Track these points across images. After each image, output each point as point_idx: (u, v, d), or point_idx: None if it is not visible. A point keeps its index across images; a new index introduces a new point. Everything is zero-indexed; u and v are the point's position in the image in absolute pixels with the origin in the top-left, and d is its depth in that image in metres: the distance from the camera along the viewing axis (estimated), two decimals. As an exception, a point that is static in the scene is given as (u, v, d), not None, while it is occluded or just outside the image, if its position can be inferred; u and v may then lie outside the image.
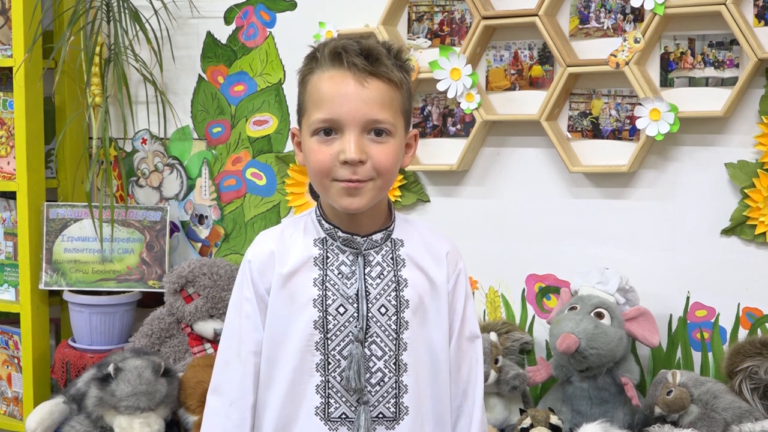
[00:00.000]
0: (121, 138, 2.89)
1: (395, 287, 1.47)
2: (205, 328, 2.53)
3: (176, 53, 2.78)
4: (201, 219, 2.83)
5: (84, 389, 2.34)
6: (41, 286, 2.70)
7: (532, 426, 2.01)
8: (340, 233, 1.46)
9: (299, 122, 1.47)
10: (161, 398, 2.27)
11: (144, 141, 2.88)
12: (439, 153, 2.48)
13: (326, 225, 1.47)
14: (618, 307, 2.14)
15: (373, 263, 1.46)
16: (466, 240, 2.46)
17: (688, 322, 2.23)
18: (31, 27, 2.62)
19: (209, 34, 2.77)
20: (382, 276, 1.46)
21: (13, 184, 2.71)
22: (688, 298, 2.23)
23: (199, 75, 2.80)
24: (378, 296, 1.45)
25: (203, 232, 2.82)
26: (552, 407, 2.11)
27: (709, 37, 2.17)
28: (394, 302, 1.46)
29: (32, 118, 2.68)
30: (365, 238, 1.47)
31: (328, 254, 1.46)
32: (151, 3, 2.69)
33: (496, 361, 2.21)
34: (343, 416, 1.43)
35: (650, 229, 2.26)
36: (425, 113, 2.50)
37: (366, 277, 1.45)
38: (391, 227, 1.50)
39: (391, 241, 1.49)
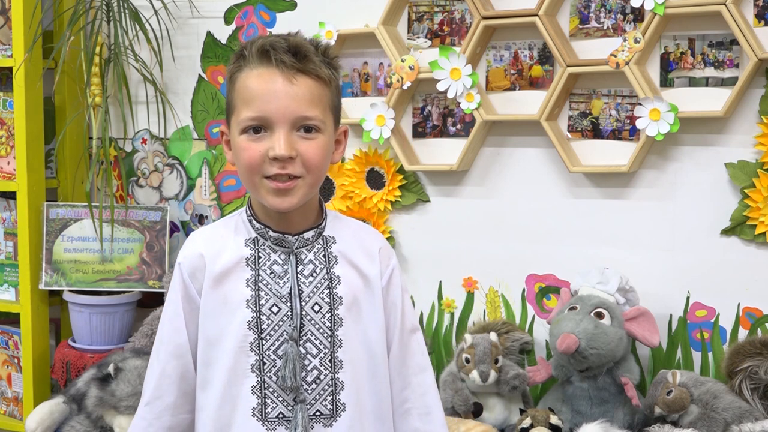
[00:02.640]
0: (121, 138, 2.89)
1: (328, 284, 1.47)
2: (205, 328, 2.52)
3: (176, 53, 2.78)
4: (201, 219, 2.83)
5: (84, 389, 2.34)
6: (41, 286, 2.70)
7: (532, 426, 2.01)
8: (271, 232, 1.46)
9: (228, 121, 1.47)
10: (161, 398, 2.26)
11: (144, 141, 2.89)
12: (439, 153, 2.48)
13: (257, 225, 1.47)
14: (618, 307, 2.14)
15: (305, 261, 1.46)
16: (466, 240, 2.47)
17: (688, 322, 2.23)
18: (31, 27, 2.62)
19: (209, 34, 2.77)
20: (314, 274, 1.46)
21: (13, 184, 2.71)
22: (688, 298, 2.23)
23: (199, 75, 2.80)
24: (311, 294, 1.46)
25: (203, 232, 2.82)
26: (552, 407, 2.11)
27: (709, 37, 2.16)
28: (327, 299, 1.46)
29: (32, 118, 2.68)
30: (297, 237, 1.47)
31: (260, 254, 1.46)
32: (151, 3, 2.69)
33: (496, 361, 2.21)
34: (281, 416, 1.43)
35: (650, 229, 2.26)
36: (425, 113, 2.50)
37: (299, 275, 1.45)
38: (323, 225, 1.50)
39: (323, 239, 1.49)
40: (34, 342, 2.69)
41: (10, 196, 2.76)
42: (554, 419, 2.02)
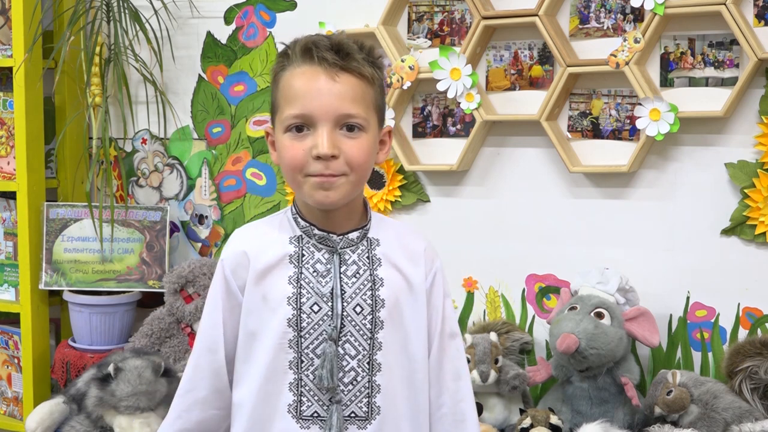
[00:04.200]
0: (121, 138, 2.89)
1: (371, 286, 1.46)
2: (205, 328, 2.52)
3: (176, 53, 2.78)
4: (201, 219, 2.83)
5: (84, 389, 2.34)
6: (41, 286, 2.70)
7: (532, 426, 2.01)
8: (315, 231, 1.46)
9: (272, 121, 1.47)
10: (161, 398, 2.27)
11: (144, 141, 2.88)
12: (439, 153, 2.48)
13: (302, 223, 1.47)
14: (618, 307, 2.14)
15: (348, 262, 1.46)
16: (466, 240, 2.47)
17: (688, 322, 2.23)
18: (31, 27, 2.62)
19: (209, 34, 2.77)
20: (357, 275, 1.46)
21: (13, 184, 2.71)
22: (688, 298, 2.23)
23: (199, 75, 2.80)
24: (353, 295, 1.45)
25: (203, 232, 2.83)
26: (552, 407, 2.11)
27: (709, 37, 2.17)
28: (369, 301, 1.45)
29: (32, 118, 2.68)
30: (341, 237, 1.46)
31: (304, 252, 1.46)
32: (151, 3, 2.69)
33: (496, 361, 2.21)
34: (315, 415, 1.43)
35: (650, 229, 2.26)
36: (425, 113, 2.50)
37: (341, 275, 1.45)
38: (367, 226, 1.50)
39: (367, 240, 1.48)
40: (34, 342, 2.69)
41: (10, 196, 2.76)
42: (554, 419, 2.02)
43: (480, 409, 2.21)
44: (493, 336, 2.25)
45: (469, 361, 2.20)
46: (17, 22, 2.64)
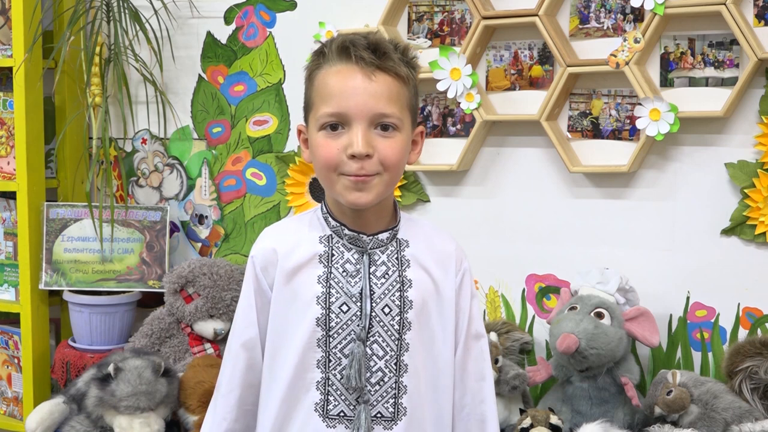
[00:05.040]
0: (121, 138, 2.89)
1: (400, 287, 1.46)
2: (205, 328, 2.52)
3: (176, 53, 2.78)
4: (201, 219, 2.83)
5: (84, 389, 2.34)
6: (41, 286, 2.70)
7: (532, 426, 2.01)
8: (346, 231, 1.46)
9: (306, 119, 1.47)
10: (161, 398, 2.27)
11: (144, 141, 2.89)
12: (439, 153, 2.48)
13: (333, 222, 1.47)
14: (618, 307, 2.14)
15: (378, 262, 1.46)
16: (466, 240, 2.45)
17: (688, 322, 2.23)
18: (31, 27, 2.62)
19: (209, 34, 2.77)
20: (387, 276, 1.46)
21: (13, 184, 2.71)
22: (688, 298, 2.23)
23: (199, 75, 2.80)
24: (382, 296, 1.45)
25: (203, 232, 2.83)
26: (552, 407, 2.11)
27: (709, 37, 2.17)
28: (398, 302, 1.45)
29: (32, 118, 2.68)
30: (371, 237, 1.47)
31: (334, 252, 1.46)
32: (151, 3, 2.69)
33: (496, 361, 2.21)
34: (342, 414, 1.43)
35: (650, 229, 2.26)
36: (425, 113, 2.50)
37: (371, 276, 1.45)
38: (397, 227, 1.50)
39: (396, 241, 1.49)
40: (34, 342, 2.69)
41: (10, 196, 2.76)
42: (554, 419, 2.02)
43: (480, 409, 2.21)
44: (493, 336, 2.25)
45: (469, 361, 2.20)
46: (17, 22, 2.64)
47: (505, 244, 2.42)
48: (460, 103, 2.38)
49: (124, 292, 2.70)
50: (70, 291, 2.69)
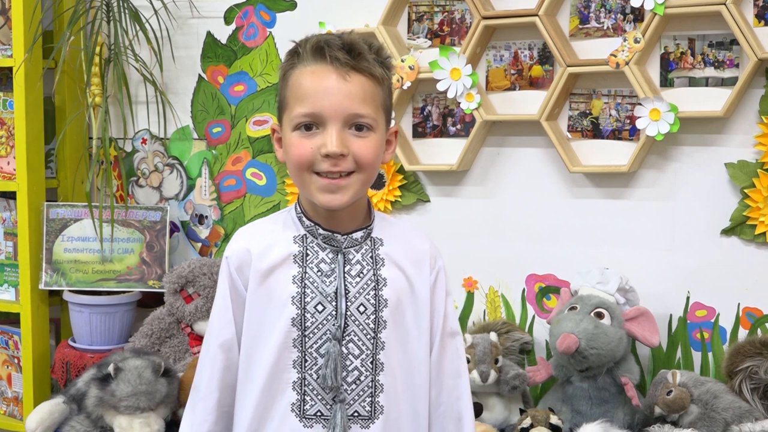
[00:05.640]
0: (121, 138, 2.89)
1: (374, 286, 1.46)
2: (205, 328, 2.52)
3: (176, 53, 2.78)
4: (201, 219, 2.83)
5: (84, 389, 2.34)
6: (41, 286, 2.70)
7: (532, 426, 2.01)
8: (320, 230, 1.46)
9: (279, 118, 1.47)
10: (161, 398, 2.27)
11: (144, 141, 2.88)
12: (439, 153, 2.48)
13: (307, 222, 1.47)
14: (618, 307, 2.14)
15: (352, 261, 1.46)
16: (466, 240, 2.47)
17: (688, 322, 2.23)
18: (31, 27, 2.62)
19: (209, 34, 2.77)
20: (361, 275, 1.46)
21: (13, 184, 2.71)
22: (688, 298, 2.23)
23: (199, 75, 2.80)
24: (357, 295, 1.45)
25: (203, 232, 2.83)
26: (552, 407, 2.11)
27: (709, 37, 2.17)
28: (373, 301, 1.46)
29: (32, 118, 2.68)
30: (345, 236, 1.47)
31: (308, 251, 1.46)
32: (151, 3, 2.69)
33: (496, 361, 2.21)
34: (319, 414, 1.43)
35: (650, 229, 2.26)
36: (425, 113, 2.50)
37: (345, 275, 1.45)
38: (371, 226, 1.50)
39: (370, 240, 1.49)
40: (34, 342, 2.69)
41: (10, 196, 2.76)
42: (554, 419, 2.02)
43: (480, 409, 2.21)
44: (493, 336, 2.25)
45: (469, 361, 2.20)
46: (17, 22, 2.64)
47: (505, 244, 2.42)
48: (460, 103, 2.38)
49: (124, 292, 2.70)
50: (70, 291, 2.69)
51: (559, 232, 2.36)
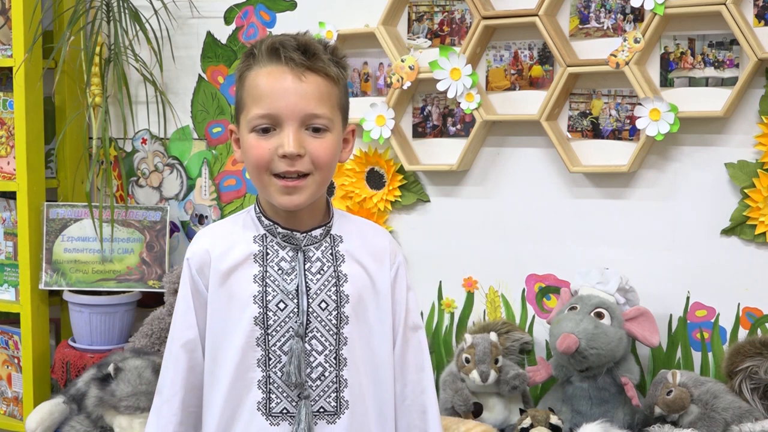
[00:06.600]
0: (121, 138, 2.89)
1: (335, 282, 1.48)
2: (205, 328, 2.52)
3: (176, 53, 2.78)
4: (201, 219, 2.83)
5: (84, 389, 2.34)
6: (41, 286, 2.70)
7: (532, 426, 2.01)
8: (279, 229, 1.48)
9: (237, 119, 1.48)
10: (161, 398, 2.26)
11: (144, 141, 2.89)
12: (439, 153, 2.48)
13: (266, 222, 1.49)
14: (618, 307, 2.14)
15: (313, 259, 1.48)
16: (466, 240, 2.47)
17: (688, 322, 2.23)
18: (31, 27, 2.62)
19: (209, 34, 2.77)
20: (322, 271, 1.48)
21: (13, 184, 2.71)
22: (688, 298, 2.23)
23: (199, 75, 2.80)
24: (318, 291, 1.47)
25: (203, 232, 2.82)
26: (552, 407, 2.11)
27: (709, 37, 2.17)
28: (334, 297, 1.47)
29: (32, 118, 2.68)
30: (305, 234, 1.48)
31: (268, 251, 1.47)
32: (151, 3, 2.69)
33: (496, 361, 2.21)
34: (285, 411, 1.45)
35: (650, 229, 2.26)
36: (425, 113, 2.50)
37: (306, 272, 1.47)
38: (330, 223, 1.52)
39: (330, 237, 1.51)
40: (34, 342, 2.69)
41: (10, 196, 2.76)
42: (554, 419, 2.02)
43: (480, 409, 2.21)
44: (493, 336, 2.25)
45: (469, 362, 2.20)
46: (17, 22, 2.64)
47: (505, 244, 2.42)
48: (460, 103, 2.38)
49: (124, 292, 2.70)
50: (70, 291, 2.69)
51: (559, 232, 2.36)
